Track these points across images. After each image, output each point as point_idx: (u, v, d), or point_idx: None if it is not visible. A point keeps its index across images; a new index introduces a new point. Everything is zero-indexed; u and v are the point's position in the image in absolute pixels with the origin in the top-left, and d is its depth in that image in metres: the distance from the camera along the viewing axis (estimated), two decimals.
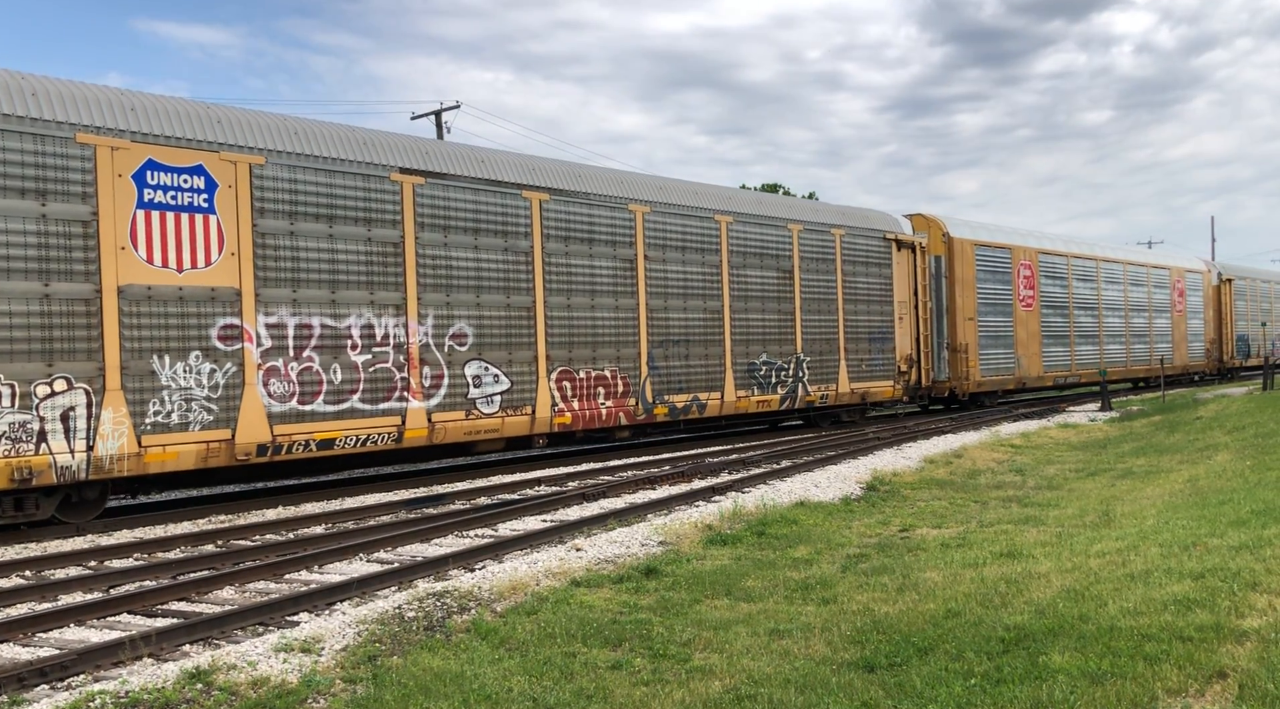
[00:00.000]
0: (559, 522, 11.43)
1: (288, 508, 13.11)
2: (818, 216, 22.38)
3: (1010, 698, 4.97)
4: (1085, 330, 32.85)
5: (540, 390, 16.13)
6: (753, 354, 20.24)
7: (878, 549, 9.29)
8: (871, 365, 23.55)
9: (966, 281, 26.93)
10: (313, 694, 5.60)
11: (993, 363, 27.87)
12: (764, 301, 20.61)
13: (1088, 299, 33.18)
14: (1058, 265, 31.74)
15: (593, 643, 6.44)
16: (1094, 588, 6.85)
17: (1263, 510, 9.15)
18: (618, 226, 17.73)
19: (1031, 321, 29.81)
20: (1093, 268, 33.63)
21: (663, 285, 18.43)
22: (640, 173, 18.72)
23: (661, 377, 18.23)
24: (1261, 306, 47.60)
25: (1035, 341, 29.95)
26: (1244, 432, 17.28)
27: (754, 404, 20.17)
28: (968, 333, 26.71)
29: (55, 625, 7.41)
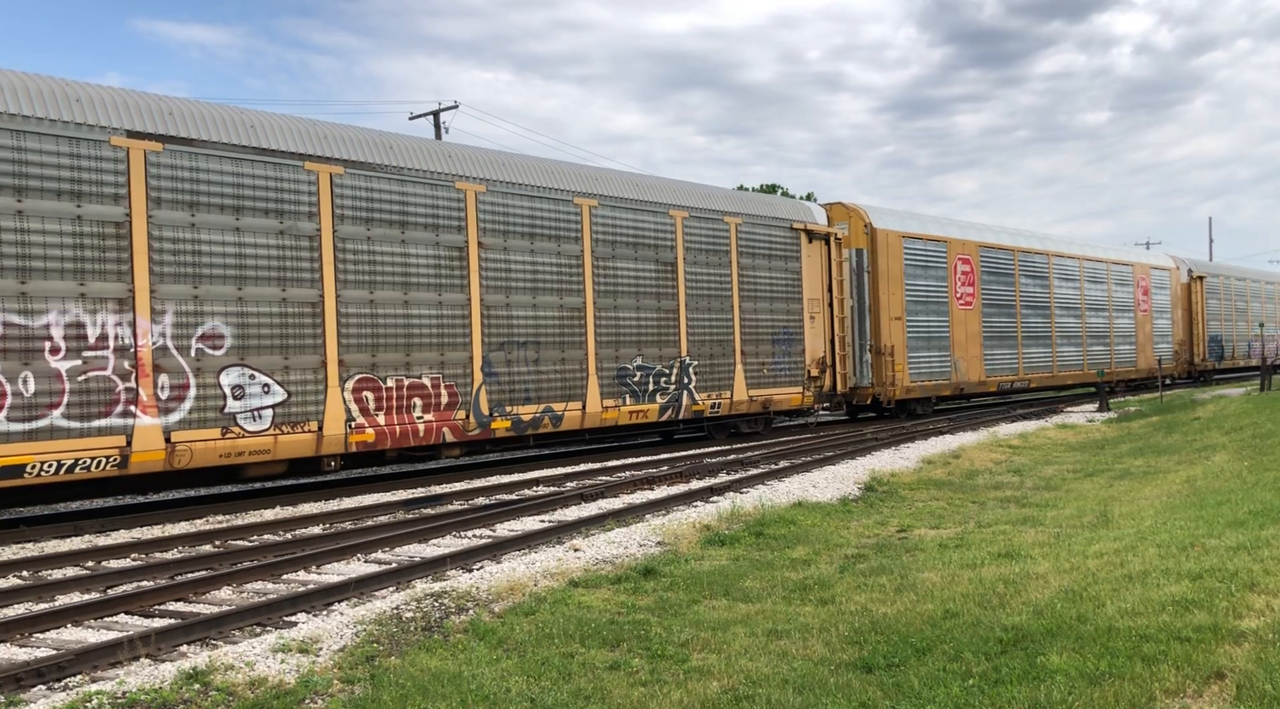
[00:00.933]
0: (557, 522, 11.43)
1: (285, 508, 13.10)
2: (708, 202, 19.83)
3: (1008, 698, 4.97)
4: (1035, 331, 30.35)
5: (330, 402, 13.53)
6: (625, 357, 17.74)
7: (876, 550, 9.29)
8: (775, 370, 20.99)
9: (893, 277, 24.55)
10: (310, 695, 5.60)
11: (924, 366, 25.44)
12: (639, 297, 18.12)
13: (1038, 297, 30.67)
14: (1002, 260, 29.16)
15: (591, 643, 6.44)
16: (1092, 589, 6.85)
17: (1260, 511, 9.16)
18: (442, 208, 15.18)
19: (971, 321, 27.34)
20: (1043, 263, 31.09)
21: (503, 278, 15.87)
22: (476, 146, 16.34)
23: (502, 385, 15.72)
24: (1236, 306, 44.88)
25: (976, 343, 27.46)
26: (1242, 432, 17.30)
27: (626, 415, 17.70)
28: (894, 334, 24.45)
29: (52, 626, 7.40)
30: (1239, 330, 45.08)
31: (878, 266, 24.14)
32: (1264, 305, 47.75)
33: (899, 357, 24.52)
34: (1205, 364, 41.16)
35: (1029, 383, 29.92)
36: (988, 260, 28.47)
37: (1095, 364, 33.44)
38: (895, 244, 24.84)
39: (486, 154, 16.29)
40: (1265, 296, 48.26)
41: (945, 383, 26.13)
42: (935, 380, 25.84)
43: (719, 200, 20.26)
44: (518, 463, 17.92)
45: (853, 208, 24.32)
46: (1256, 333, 46.24)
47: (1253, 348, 45.93)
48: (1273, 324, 48.12)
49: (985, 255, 28.32)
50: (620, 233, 17.95)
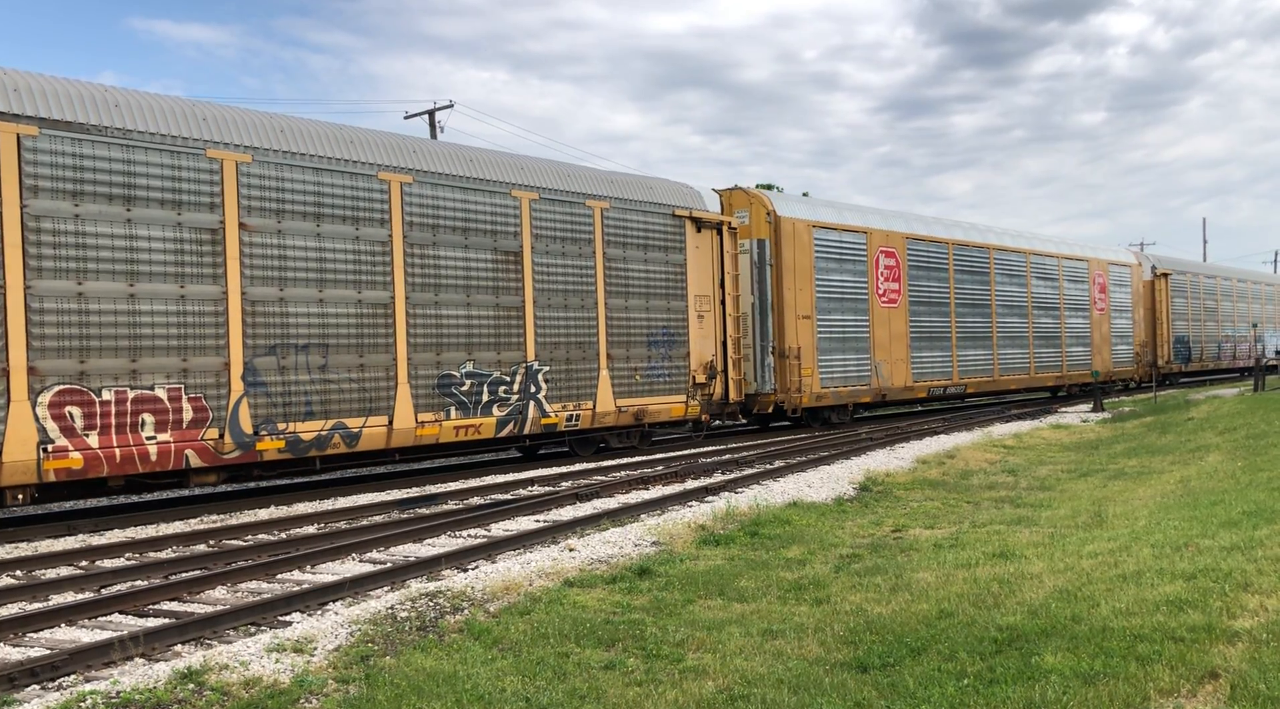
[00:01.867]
0: (552, 522, 11.42)
1: (280, 508, 13.08)
2: (565, 183, 17.24)
3: (1003, 698, 4.98)
4: (974, 332, 27.75)
5: (16, 421, 11.01)
6: (449, 362, 15.20)
7: (871, 550, 9.29)
8: (652, 376, 18.46)
9: (801, 271, 22.16)
10: (305, 694, 5.59)
11: (839, 371, 23.07)
12: (470, 291, 15.54)
13: (977, 295, 28.09)
14: (934, 254, 26.52)
15: (586, 643, 6.43)
16: (1086, 588, 6.87)
17: (1254, 511, 9.18)
18: (186, 182, 12.51)
19: (896, 321, 24.97)
20: (982, 258, 28.42)
21: (276, 267, 13.21)
22: (248, 108, 13.79)
23: (273, 397, 13.13)
24: (1206, 305, 42.04)
25: (902, 345, 25.09)
26: (1235, 433, 17.34)
27: (450, 431, 15.11)
28: (802, 334, 22.02)
29: (46, 625, 7.38)
30: (1208, 331, 42.51)
31: (782, 259, 21.74)
32: (1235, 304, 45.53)
33: (807, 360, 22.09)
34: (1170, 367, 38.53)
35: (965, 388, 27.34)
36: (917, 254, 25.88)
37: (1045, 367, 31.06)
38: (804, 234, 22.35)
39: (257, 117, 13.50)
40: (1237, 295, 46.01)
41: (864, 388, 23.80)
42: (852, 386, 23.48)
43: (580, 180, 17.64)
44: (512, 463, 17.90)
45: (754, 194, 22.08)
46: (1229, 334, 44.12)
47: (1223, 350, 43.56)
48: (1246, 324, 46.48)
49: (914, 248, 25.75)
50: (444, 215, 15.27)
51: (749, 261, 21.47)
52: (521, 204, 16.43)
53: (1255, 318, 47.39)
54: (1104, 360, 34.15)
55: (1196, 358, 40.89)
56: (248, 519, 12.19)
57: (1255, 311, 47.49)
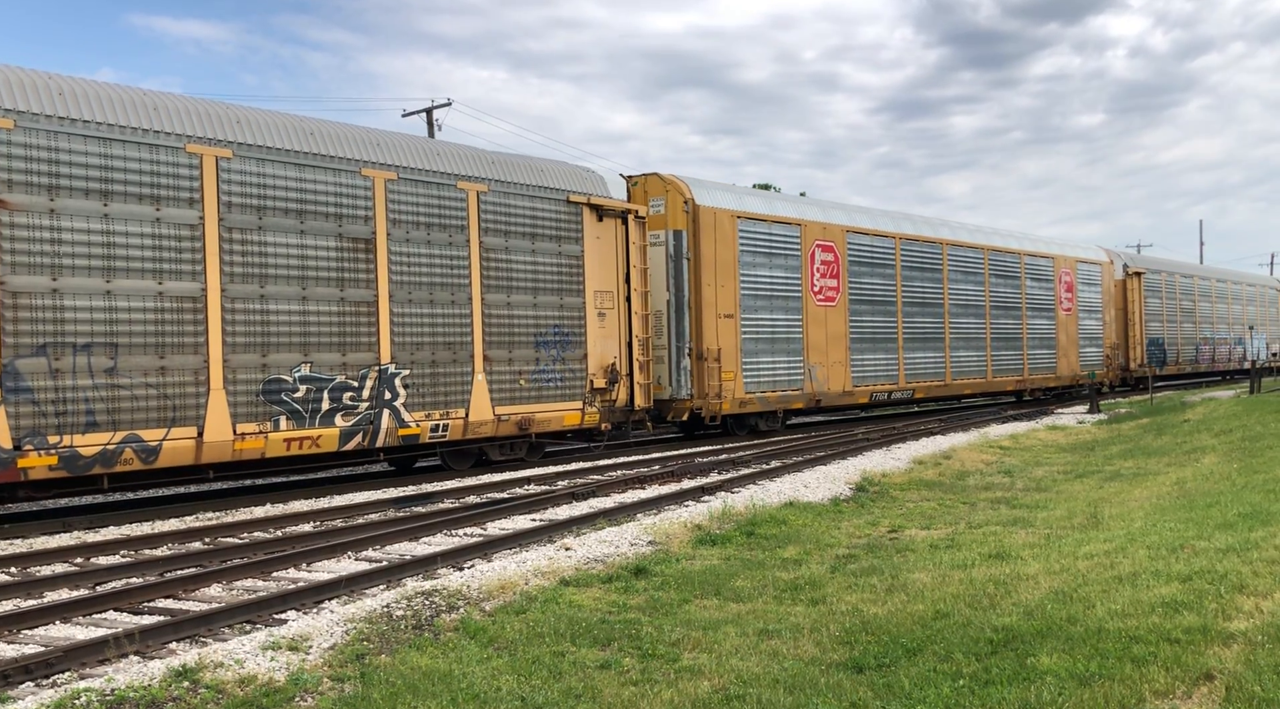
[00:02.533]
0: (548, 521, 11.42)
1: (276, 506, 13.07)
2: (431, 162, 15.23)
3: (998, 699, 4.98)
4: (924, 333, 26.01)
5: None
6: (279, 365, 13.16)
7: (867, 550, 9.30)
8: (541, 381, 16.50)
9: (723, 266, 20.28)
10: (300, 693, 5.58)
11: (766, 374, 21.18)
12: (307, 283, 13.53)
13: (928, 294, 26.26)
14: (879, 249, 24.64)
15: (581, 642, 6.43)
16: (1082, 590, 6.87)
17: (1250, 513, 9.19)
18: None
19: (834, 321, 23.15)
20: (934, 254, 26.51)
21: (47, 253, 11.35)
22: (10, 66, 11.70)
23: (42, 405, 11.24)
24: (1182, 305, 39.91)
25: (840, 346, 23.28)
26: (1231, 434, 17.36)
27: (279, 444, 13.10)
28: (723, 335, 20.15)
29: (41, 622, 7.37)
30: (1185, 333, 40.48)
31: (701, 253, 19.83)
32: (1215, 305, 43.52)
33: (729, 362, 20.23)
34: (1143, 370, 36.13)
35: (912, 392, 25.58)
36: (859, 249, 24.02)
37: (1004, 370, 29.22)
38: (727, 226, 20.41)
39: (23, 75, 11.61)
40: (1217, 295, 43.85)
41: (796, 394, 21.86)
42: (781, 391, 21.56)
43: (450, 159, 15.60)
44: (508, 463, 17.88)
45: (670, 180, 19.90)
46: (1209, 336, 42.17)
47: (1202, 352, 41.55)
48: (1227, 326, 44.71)
49: (856, 243, 23.88)
50: (274, 196, 13.28)
51: (664, 255, 19.46)
52: (375, 184, 14.39)
53: (1237, 319, 45.94)
54: (1070, 363, 32.32)
55: (1172, 361, 38.80)
56: (243, 517, 12.17)
57: (1237, 313, 45.91)
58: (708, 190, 20.47)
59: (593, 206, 17.48)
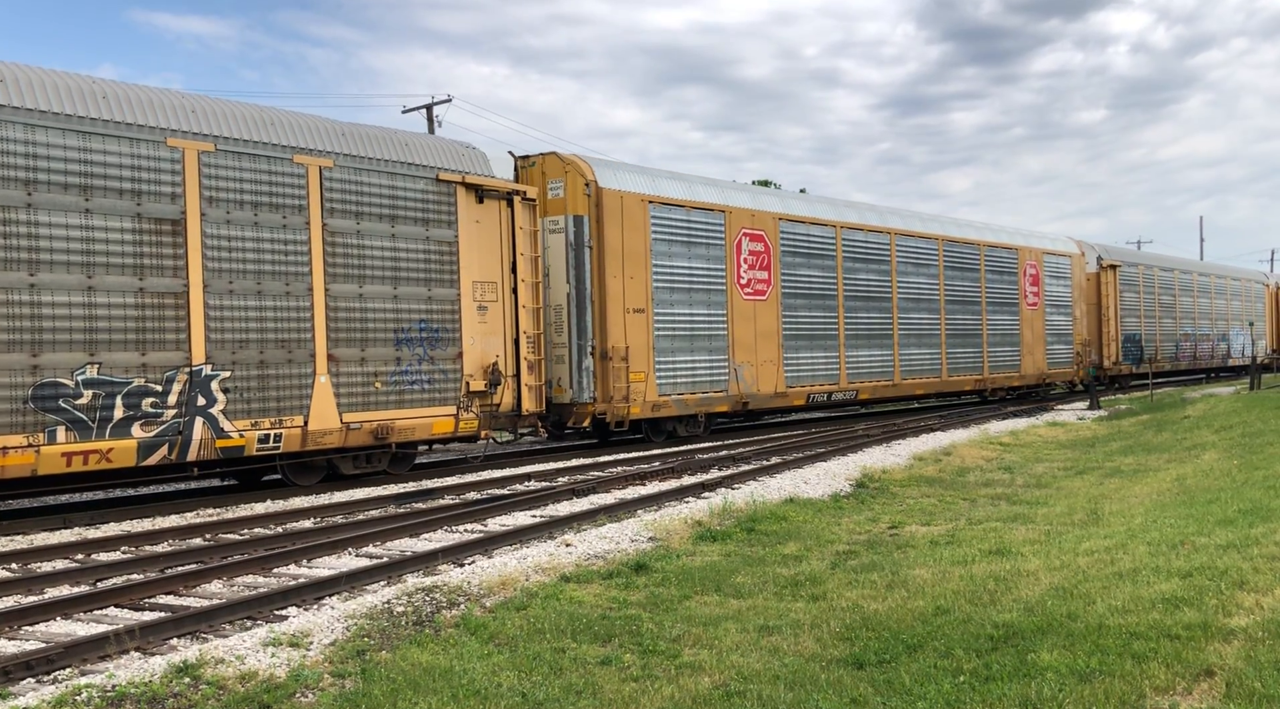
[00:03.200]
0: (549, 517, 11.42)
1: (276, 502, 13.08)
2: (260, 133, 13.31)
3: (999, 695, 4.98)
4: (869, 329, 24.22)
5: None
6: (55, 367, 11.29)
7: (867, 546, 9.30)
8: (403, 383, 14.51)
9: (633, 256, 18.47)
10: (301, 689, 5.58)
11: (685, 375, 19.31)
12: (94, 271, 11.64)
13: (873, 287, 24.41)
14: (817, 239, 22.71)
15: (582, 638, 6.43)
16: (1082, 586, 6.87)
17: (1250, 509, 9.19)
18: None
19: (765, 316, 21.25)
20: (882, 244, 24.70)
21: None
22: None
23: None
24: (1161, 300, 37.92)
25: (771, 345, 21.34)
26: (1231, 431, 17.36)
27: (57, 459, 11.22)
28: (633, 332, 18.34)
29: (41, 619, 7.37)
30: (1165, 329, 38.42)
31: (605, 241, 17.97)
32: (1197, 300, 41.49)
33: (639, 362, 18.34)
34: (1118, 368, 34.43)
35: (856, 393, 23.78)
36: (794, 238, 22.10)
37: (961, 369, 27.37)
38: (637, 211, 18.55)
39: None
40: (1198, 290, 41.75)
41: (720, 396, 19.98)
42: (703, 393, 19.65)
43: (285, 129, 13.67)
44: (509, 458, 17.89)
45: (570, 160, 17.99)
46: (1190, 332, 40.34)
47: (1182, 349, 39.57)
48: (1210, 322, 42.73)
49: (790, 232, 21.98)
50: (47, 168, 11.39)
51: (564, 242, 17.65)
52: (184, 157, 12.43)
53: (1221, 315, 43.90)
54: (1036, 361, 30.44)
55: (1150, 358, 36.64)
56: (244, 513, 12.17)
57: (1221, 308, 43.99)
58: (614, 172, 18.57)
59: (470, 187, 15.43)
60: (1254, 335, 46.28)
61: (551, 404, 17.66)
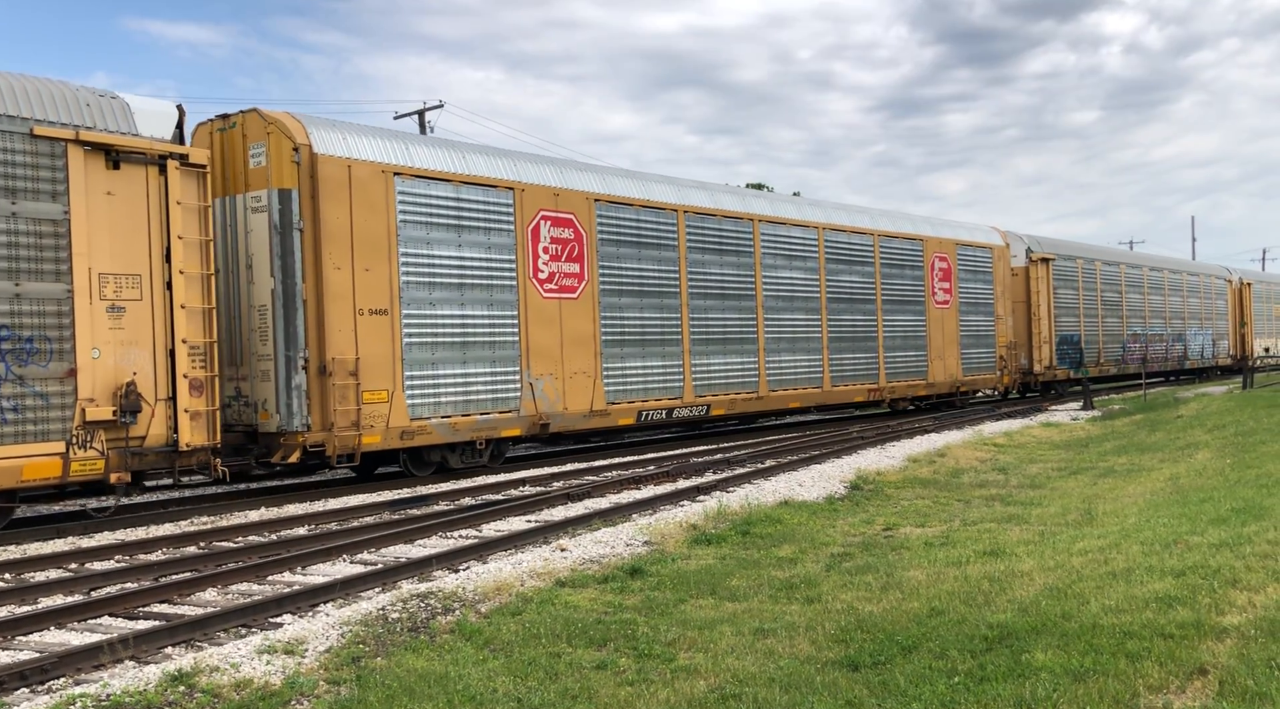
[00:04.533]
0: (544, 522, 11.42)
1: (270, 509, 13.05)
2: None
3: (994, 696, 4.99)
4: (723, 333, 20.21)
5: None
6: None
7: (862, 548, 9.31)
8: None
9: (369, 242, 14.34)
10: (296, 696, 5.58)
11: (453, 391, 15.26)
12: None
13: (729, 283, 20.39)
14: (651, 225, 18.72)
15: (577, 643, 6.43)
16: (1076, 586, 6.89)
17: (1243, 508, 9.22)
18: None
19: (575, 318, 17.22)
20: (741, 232, 20.73)
21: None
22: None
23: None
24: (1105, 297, 34.39)
25: (585, 353, 17.33)
26: (1224, 430, 17.41)
27: None
28: (369, 339, 14.25)
29: (35, 628, 7.35)
30: (1109, 328, 34.67)
31: (324, 222, 13.86)
32: (1148, 297, 37.80)
33: (378, 377, 14.27)
34: (1052, 373, 30.78)
35: (706, 409, 19.69)
36: (616, 223, 18.08)
37: (850, 377, 23.56)
38: (375, 186, 14.48)
39: None
40: (1149, 285, 38.02)
41: (508, 417, 15.94)
42: (481, 414, 15.58)
43: None
44: (504, 463, 17.88)
45: (274, 119, 13.91)
46: (1139, 332, 36.69)
47: (1130, 351, 35.97)
48: (1164, 320, 38.89)
49: (611, 216, 17.99)
50: None
51: (266, 224, 13.79)
52: None
53: (1176, 313, 40.23)
54: (948, 367, 26.77)
55: (1092, 361, 33.19)
56: (238, 521, 12.15)
57: (1176, 305, 40.28)
58: (341, 135, 14.46)
59: (95, 147, 11.65)
60: (1214, 335, 43.23)
61: (258, 434, 13.92)
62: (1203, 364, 42.10)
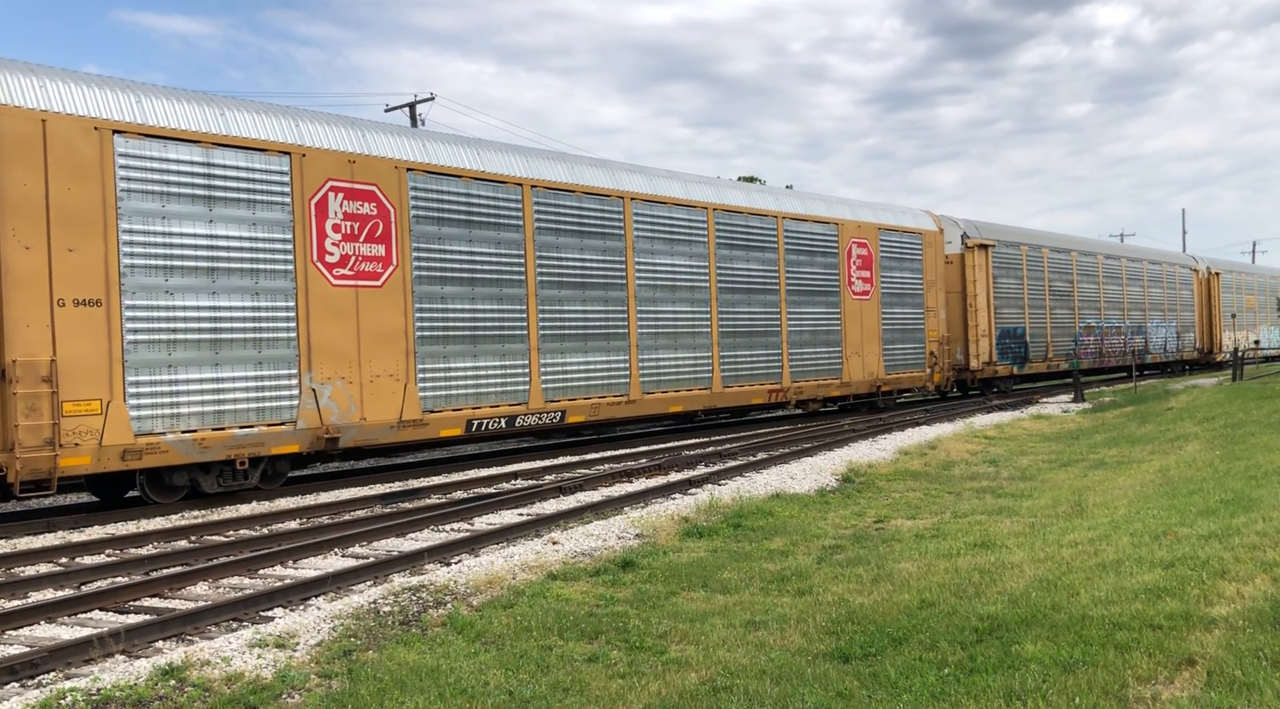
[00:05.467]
0: (535, 515, 11.42)
1: (261, 503, 13.03)
2: None
3: (984, 687, 5.01)
4: (583, 326, 17.38)
5: None
6: None
7: (853, 540, 9.34)
8: None
9: (73, 215, 11.63)
10: (287, 690, 5.57)
11: (200, 401, 12.50)
12: None
13: (591, 269, 17.59)
14: (484, 200, 15.87)
15: (569, 636, 6.44)
16: (1066, 577, 6.92)
17: (1231, 500, 9.26)
18: None
19: (378, 310, 14.36)
20: (611, 211, 17.96)
21: None
22: None
23: None
24: (1055, 287, 32.06)
25: (393, 352, 14.47)
26: (1214, 422, 17.48)
27: None
28: (72, 335, 11.55)
29: (25, 623, 7.34)
30: (1060, 321, 32.31)
31: (3, 191, 11.09)
32: (1102, 287, 35.23)
33: (88, 384, 11.56)
34: (992, 369, 28.26)
35: (561, 415, 16.85)
36: (438, 198, 15.24)
37: (746, 376, 20.78)
38: (84, 146, 11.72)
39: None
40: (1105, 275, 35.47)
41: (281, 431, 13.15)
42: (242, 427, 12.82)
43: None
44: (496, 457, 17.88)
45: None
46: (1093, 324, 34.27)
47: (1083, 345, 33.54)
48: (1118, 313, 36.47)
49: (430, 189, 15.14)
50: None
51: None
52: None
53: (1137, 304, 37.67)
54: (868, 365, 24.24)
55: (1039, 356, 30.96)
56: (229, 515, 12.13)
57: (1136, 296, 37.74)
58: (36, 80, 11.68)
59: None
60: (1179, 328, 40.55)
61: None
62: (1166, 359, 39.58)
